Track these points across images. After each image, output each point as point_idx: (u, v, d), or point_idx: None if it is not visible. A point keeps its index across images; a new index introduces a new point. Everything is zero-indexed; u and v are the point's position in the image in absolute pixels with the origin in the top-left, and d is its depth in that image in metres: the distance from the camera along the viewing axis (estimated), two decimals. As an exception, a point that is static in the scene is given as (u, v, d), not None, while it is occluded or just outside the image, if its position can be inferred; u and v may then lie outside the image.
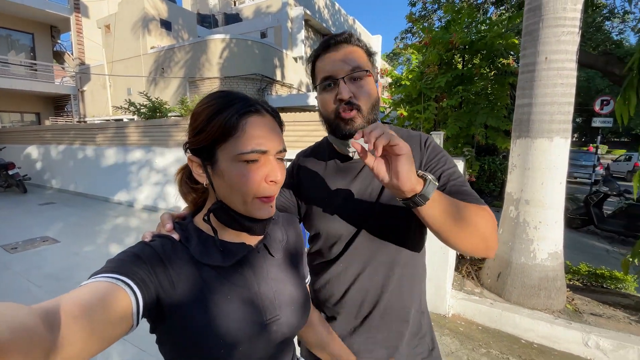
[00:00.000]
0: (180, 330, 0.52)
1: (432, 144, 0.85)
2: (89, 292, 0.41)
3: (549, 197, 2.48)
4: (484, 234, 0.68)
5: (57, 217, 5.79)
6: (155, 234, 0.58)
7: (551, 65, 2.36)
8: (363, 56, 0.79)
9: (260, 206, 0.57)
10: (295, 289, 0.67)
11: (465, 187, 0.77)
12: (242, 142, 0.53)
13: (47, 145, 8.82)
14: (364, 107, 0.76)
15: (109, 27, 13.28)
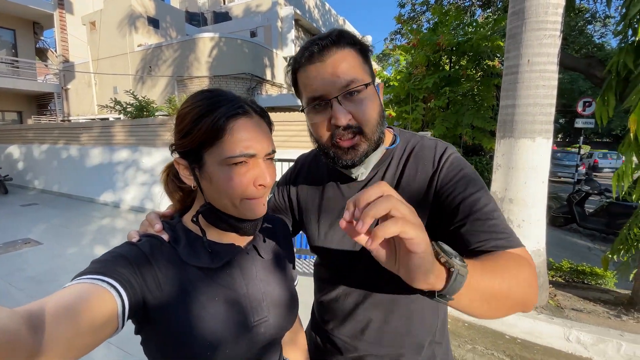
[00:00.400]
0: (166, 331, 0.51)
1: (451, 159, 0.66)
2: (73, 294, 0.41)
3: (532, 196, 2.55)
4: (524, 300, 0.52)
5: (40, 218, 5.64)
6: (143, 234, 0.57)
7: (534, 67, 2.42)
8: (357, 61, 0.62)
9: (250, 206, 0.56)
10: (283, 290, 0.66)
11: (493, 220, 0.58)
12: (230, 145, 0.52)
13: (29, 145, 8.58)
14: (367, 129, 0.62)
15: (95, 24, 13.00)
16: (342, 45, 0.62)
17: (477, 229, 0.58)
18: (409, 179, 0.68)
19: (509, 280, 0.49)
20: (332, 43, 0.61)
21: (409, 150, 0.71)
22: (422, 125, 4.20)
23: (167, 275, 0.52)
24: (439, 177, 0.65)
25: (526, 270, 0.53)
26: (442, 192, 0.64)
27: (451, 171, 0.65)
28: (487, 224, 0.58)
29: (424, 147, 0.70)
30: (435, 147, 0.69)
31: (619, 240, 2.72)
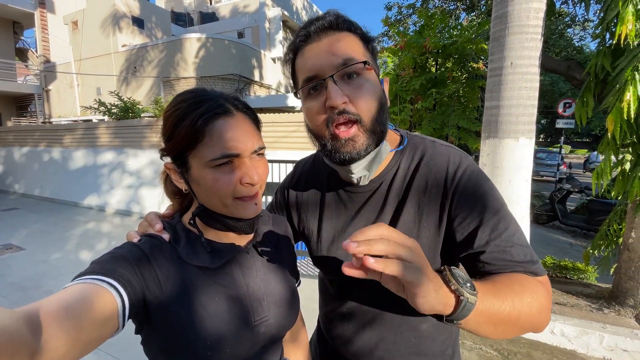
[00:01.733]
0: (167, 331, 0.51)
1: (468, 174, 0.59)
2: (74, 295, 0.40)
3: (516, 194, 2.62)
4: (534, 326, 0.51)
5: (22, 223, 5.47)
6: (143, 234, 0.57)
7: (516, 69, 2.49)
8: (357, 44, 0.57)
9: (242, 206, 0.55)
10: (284, 290, 0.65)
11: (512, 247, 0.55)
12: (211, 148, 0.51)
13: (9, 148, 8.31)
14: (365, 117, 0.55)
15: (77, 24, 12.69)
16: (341, 27, 0.57)
17: (496, 259, 0.55)
18: (419, 191, 0.62)
19: (520, 307, 0.48)
20: (330, 25, 0.56)
21: (419, 158, 0.64)
22: (409, 126, 4.26)
23: (168, 275, 0.52)
24: (454, 196, 0.58)
25: (541, 297, 0.51)
26: (458, 213, 0.58)
27: (468, 189, 0.58)
28: (507, 252, 0.54)
29: (435, 156, 0.63)
30: (448, 156, 0.62)
31: (599, 236, 2.83)
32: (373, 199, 0.66)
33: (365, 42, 0.59)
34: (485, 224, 0.56)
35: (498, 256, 0.54)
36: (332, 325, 0.77)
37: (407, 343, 0.67)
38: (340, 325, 0.74)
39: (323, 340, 0.84)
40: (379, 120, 0.57)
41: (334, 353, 0.79)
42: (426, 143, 0.66)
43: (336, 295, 0.74)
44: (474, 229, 0.56)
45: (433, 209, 0.61)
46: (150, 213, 0.61)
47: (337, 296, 0.74)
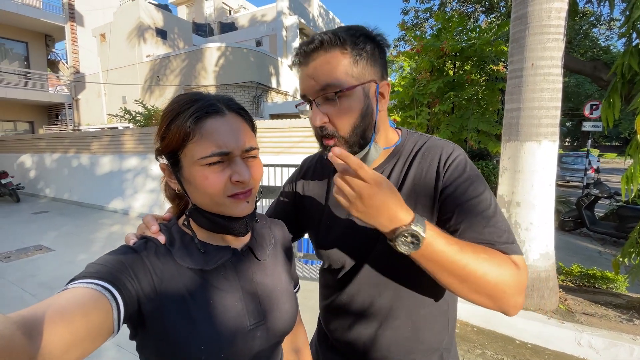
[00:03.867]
0: (162, 335, 0.51)
1: (457, 160, 0.66)
2: (68, 299, 0.40)
3: (539, 199, 2.54)
4: (493, 294, 0.55)
5: (51, 225, 5.75)
6: (140, 236, 0.57)
7: (538, 71, 2.43)
8: (342, 64, 0.61)
9: (234, 204, 0.55)
10: (280, 293, 0.64)
11: (490, 226, 0.60)
12: (201, 146, 0.52)
13: (41, 154, 8.78)
14: (342, 132, 0.63)
15: (105, 36, 13.33)
16: (327, 48, 0.61)
17: (471, 235, 0.60)
18: (416, 176, 0.68)
19: (474, 267, 0.53)
20: (315, 48, 0.62)
21: (417, 149, 0.71)
22: (427, 130, 4.22)
23: (162, 278, 0.52)
24: (443, 177, 0.65)
25: (504, 271, 0.54)
26: (446, 192, 0.64)
27: (455, 172, 0.65)
28: (483, 230, 0.60)
29: (431, 147, 0.70)
30: (442, 147, 0.69)
31: (629, 244, 2.69)
32: None
33: (356, 54, 0.61)
34: (468, 202, 0.62)
35: (476, 233, 0.59)
36: (332, 317, 0.80)
37: (404, 330, 0.71)
38: (340, 315, 0.77)
39: (324, 337, 0.86)
40: (358, 131, 0.63)
41: (334, 349, 0.81)
42: (424, 137, 0.73)
43: (336, 286, 0.77)
44: (458, 205, 0.62)
45: (427, 192, 0.67)
46: (148, 215, 0.61)
47: (337, 286, 0.77)
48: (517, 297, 0.56)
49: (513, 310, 0.57)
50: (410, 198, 0.67)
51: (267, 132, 4.70)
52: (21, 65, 12.98)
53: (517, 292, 0.55)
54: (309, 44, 0.62)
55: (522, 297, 0.57)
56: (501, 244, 0.58)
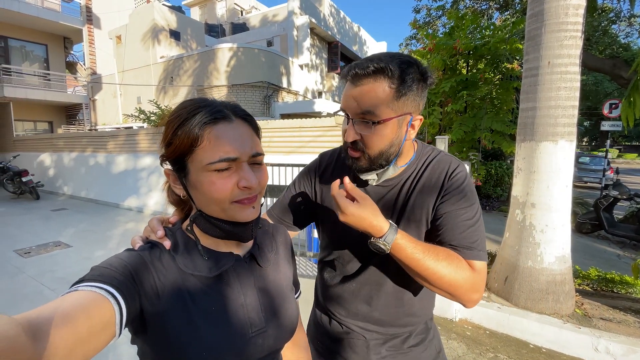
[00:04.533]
0: (163, 340, 0.51)
1: (458, 175, 0.77)
2: (72, 302, 0.40)
3: (555, 200, 2.48)
4: (451, 291, 0.69)
5: (69, 222, 5.92)
6: (145, 240, 0.57)
7: (554, 69, 2.38)
8: (384, 95, 0.67)
9: (240, 209, 0.55)
10: (282, 300, 0.65)
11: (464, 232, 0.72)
12: (209, 152, 0.52)
13: (59, 153, 9.04)
14: (370, 153, 0.73)
15: (120, 38, 13.64)
16: (377, 77, 0.67)
17: (447, 237, 0.73)
18: (426, 184, 0.79)
19: (433, 267, 0.66)
20: (368, 73, 0.68)
21: (429, 162, 0.82)
22: (439, 130, 4.16)
23: (166, 284, 0.52)
24: (446, 186, 0.76)
25: (460, 273, 0.68)
26: (444, 198, 0.76)
27: (455, 184, 0.76)
28: (456, 235, 0.72)
29: (441, 161, 0.81)
30: (450, 161, 0.80)
31: (650, 247, 2.60)
32: (388, 196, 0.82)
33: (398, 89, 0.68)
34: (454, 211, 0.73)
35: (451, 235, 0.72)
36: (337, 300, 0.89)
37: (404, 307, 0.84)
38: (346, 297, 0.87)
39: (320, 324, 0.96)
40: (383, 156, 0.74)
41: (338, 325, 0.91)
42: (435, 151, 0.84)
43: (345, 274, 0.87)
44: (445, 212, 0.74)
45: (432, 196, 0.78)
46: (154, 219, 0.62)
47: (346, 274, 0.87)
48: (472, 294, 0.70)
49: (469, 303, 0.71)
50: (418, 201, 0.79)
51: (278, 131, 4.72)
52: (41, 67, 13.39)
53: (470, 290, 0.69)
54: (360, 67, 0.68)
55: (477, 294, 0.70)
56: (467, 249, 0.71)
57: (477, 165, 3.83)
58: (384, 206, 0.81)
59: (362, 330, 0.86)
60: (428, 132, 4.06)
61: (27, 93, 11.79)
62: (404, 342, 0.86)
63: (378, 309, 0.84)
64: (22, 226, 5.62)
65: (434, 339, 0.92)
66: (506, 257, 2.77)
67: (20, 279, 3.46)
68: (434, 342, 0.92)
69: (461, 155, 3.89)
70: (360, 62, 0.70)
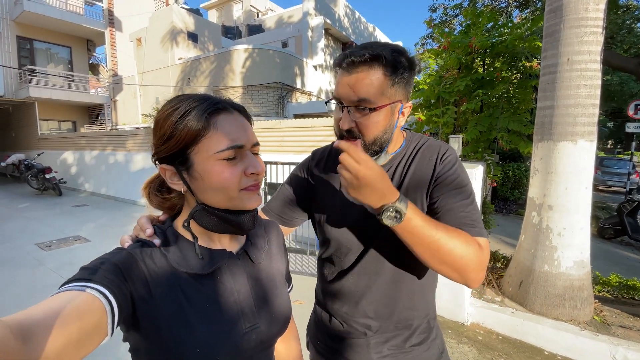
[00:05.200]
0: (157, 338, 0.51)
1: (449, 158, 0.79)
2: (62, 302, 0.40)
3: (574, 203, 2.39)
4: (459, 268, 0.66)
5: (89, 218, 6.13)
6: (135, 239, 0.57)
7: (574, 66, 2.29)
8: (379, 82, 0.69)
9: (248, 196, 0.56)
10: (275, 296, 0.65)
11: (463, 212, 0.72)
12: (216, 140, 0.52)
13: (81, 151, 9.38)
14: (364, 139, 0.73)
15: (140, 40, 14.06)
16: (372, 64, 0.68)
17: (447, 218, 0.72)
18: (417, 169, 0.80)
19: (445, 243, 0.64)
20: (364, 61, 0.68)
21: (418, 148, 0.83)
22: (453, 129, 4.09)
23: (158, 282, 0.52)
24: (438, 169, 0.77)
25: (470, 249, 0.65)
26: (437, 181, 0.77)
27: (447, 166, 0.77)
28: (457, 214, 0.72)
29: (430, 146, 0.82)
30: (440, 146, 0.82)
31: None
32: None
33: (392, 74, 0.69)
34: (449, 192, 0.74)
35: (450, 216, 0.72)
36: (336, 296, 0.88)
37: (404, 301, 0.83)
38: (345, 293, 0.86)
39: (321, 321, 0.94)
40: (377, 142, 0.74)
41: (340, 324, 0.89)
42: (424, 138, 0.85)
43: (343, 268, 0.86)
44: (441, 194, 0.75)
45: (425, 180, 0.78)
46: (142, 217, 0.61)
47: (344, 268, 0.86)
48: (478, 273, 0.67)
49: (473, 283, 0.68)
50: (411, 185, 0.79)
51: (290, 131, 4.75)
52: (65, 68, 13.94)
53: (478, 268, 0.67)
54: (355, 55, 0.68)
55: (482, 273, 0.68)
56: (471, 226, 0.70)
57: (493, 166, 3.72)
58: None
59: (362, 328, 0.84)
60: (442, 131, 3.99)
61: (51, 93, 12.30)
62: (405, 341, 0.85)
63: (376, 300, 0.83)
64: (44, 221, 5.85)
65: (436, 338, 0.90)
66: (521, 260, 2.69)
67: (41, 271, 3.60)
68: (437, 342, 0.90)
69: (476, 155, 3.80)
70: (354, 50, 0.70)
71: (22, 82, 12.09)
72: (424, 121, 4.12)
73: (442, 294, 2.63)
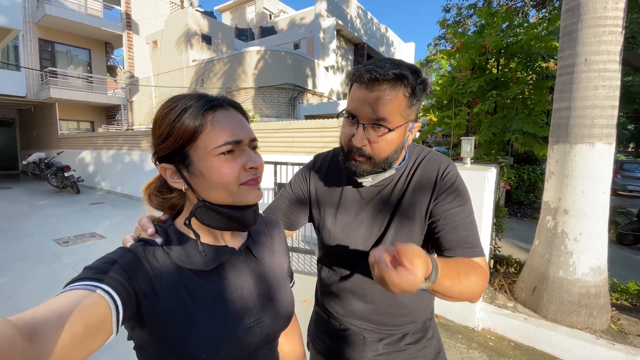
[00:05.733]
0: (162, 335, 0.51)
1: (449, 175, 0.79)
2: (67, 301, 0.40)
3: (591, 207, 2.32)
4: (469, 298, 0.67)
5: (105, 215, 6.29)
6: (137, 238, 0.57)
7: (592, 66, 2.23)
8: (398, 104, 0.68)
9: (248, 190, 0.56)
10: (278, 291, 0.66)
11: (465, 231, 0.73)
12: (214, 136, 0.53)
13: (98, 151, 9.64)
14: (375, 159, 0.73)
15: (156, 43, 14.37)
16: (395, 85, 0.67)
17: (450, 237, 0.73)
18: (418, 182, 0.80)
19: (466, 285, 0.65)
20: (387, 80, 0.66)
21: (419, 160, 0.83)
22: (466, 131, 4.02)
23: (161, 279, 0.52)
24: (439, 185, 0.78)
25: (482, 277, 0.68)
26: (439, 198, 0.77)
27: (448, 182, 0.77)
28: (460, 234, 0.73)
29: (432, 160, 0.82)
30: (441, 160, 0.82)
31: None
32: (381, 195, 0.83)
33: (411, 97, 0.69)
34: (450, 211, 0.75)
35: (452, 236, 0.73)
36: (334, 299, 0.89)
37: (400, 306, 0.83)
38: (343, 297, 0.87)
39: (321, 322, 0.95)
40: (387, 162, 0.74)
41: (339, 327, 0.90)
42: (425, 151, 0.85)
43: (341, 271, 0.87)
44: (443, 212, 0.75)
45: (425, 195, 0.78)
46: (143, 217, 0.62)
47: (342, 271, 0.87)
48: (482, 292, 0.72)
49: (477, 299, 0.70)
50: (412, 200, 0.80)
51: (300, 132, 4.76)
52: (84, 70, 14.37)
53: (484, 289, 0.70)
54: (381, 73, 0.66)
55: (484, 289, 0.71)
56: (472, 247, 0.73)
57: (507, 168, 3.64)
58: (378, 203, 0.82)
59: (359, 329, 0.86)
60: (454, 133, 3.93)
61: (71, 94, 12.70)
62: (400, 340, 0.86)
63: (374, 306, 0.84)
64: (62, 218, 6.04)
65: (433, 338, 0.90)
66: (535, 266, 2.62)
67: (58, 266, 3.71)
68: (433, 341, 0.90)
69: (489, 158, 3.72)
70: (376, 65, 0.67)
71: (44, 83, 12.52)
72: (436, 122, 4.07)
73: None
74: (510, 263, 3.36)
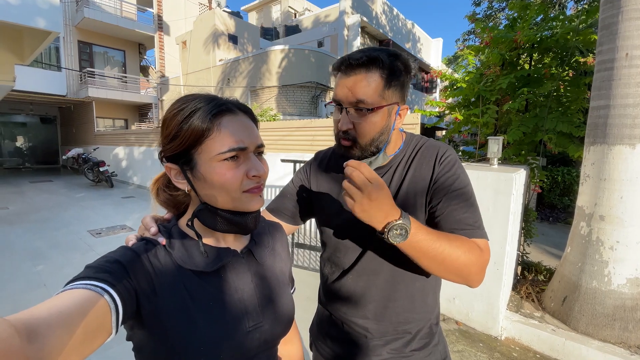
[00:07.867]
0: (161, 336, 0.51)
1: (448, 159, 0.79)
2: (67, 300, 0.40)
3: (630, 214, 2.15)
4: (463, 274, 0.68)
5: (135, 209, 6.60)
6: (139, 237, 0.57)
7: (633, 62, 2.06)
8: (376, 84, 0.71)
9: (249, 198, 0.56)
10: (279, 295, 0.65)
11: (465, 213, 0.74)
12: (219, 142, 0.52)
13: (131, 147, 10.13)
14: (361, 141, 0.75)
15: (185, 43, 14.84)
16: (370, 67, 0.71)
17: (449, 219, 0.74)
18: (416, 170, 0.81)
19: (449, 253, 0.65)
20: (361, 64, 0.71)
21: (417, 149, 0.83)
22: (494, 130, 3.85)
23: (163, 280, 0.52)
24: (437, 170, 0.78)
25: (473, 255, 0.68)
26: (438, 182, 0.77)
27: (446, 167, 0.78)
28: (460, 216, 0.73)
29: (430, 146, 0.83)
30: (439, 146, 0.82)
31: None
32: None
33: (389, 79, 0.71)
34: (451, 193, 0.75)
35: (452, 217, 0.73)
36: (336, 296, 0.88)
37: (403, 303, 0.82)
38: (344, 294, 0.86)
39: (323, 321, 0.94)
40: (374, 143, 0.76)
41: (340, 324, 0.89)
42: (423, 139, 0.86)
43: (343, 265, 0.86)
44: (443, 194, 0.75)
45: (424, 181, 0.79)
46: (147, 217, 0.62)
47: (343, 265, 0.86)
48: (479, 275, 0.70)
49: (476, 283, 0.71)
50: (411, 186, 0.80)
51: (322, 130, 4.75)
52: (120, 70, 15.14)
53: (480, 271, 0.70)
54: (353, 58, 0.71)
55: (483, 274, 0.71)
56: (471, 228, 0.72)
57: (538, 170, 3.45)
58: None
59: (362, 330, 0.84)
60: (482, 132, 3.77)
61: (107, 93, 13.44)
62: (406, 346, 0.83)
63: (375, 300, 0.82)
64: (97, 210, 6.40)
65: (439, 344, 0.88)
66: (566, 274, 2.47)
67: (91, 256, 3.94)
68: (439, 348, 0.88)
69: (519, 158, 3.53)
70: (352, 53, 0.73)
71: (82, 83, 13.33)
72: (462, 121, 3.92)
73: (475, 306, 2.49)
74: (539, 270, 3.18)
